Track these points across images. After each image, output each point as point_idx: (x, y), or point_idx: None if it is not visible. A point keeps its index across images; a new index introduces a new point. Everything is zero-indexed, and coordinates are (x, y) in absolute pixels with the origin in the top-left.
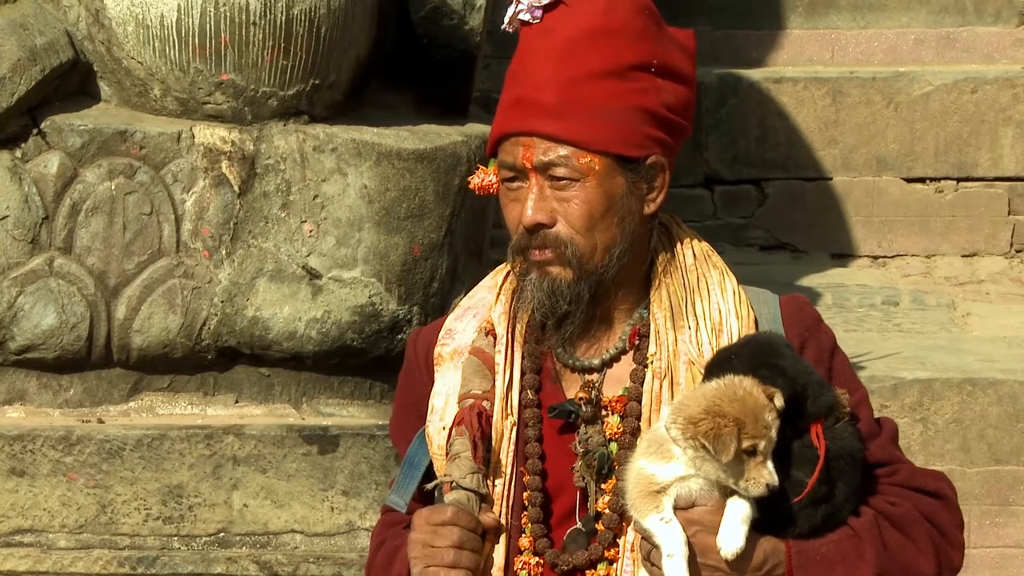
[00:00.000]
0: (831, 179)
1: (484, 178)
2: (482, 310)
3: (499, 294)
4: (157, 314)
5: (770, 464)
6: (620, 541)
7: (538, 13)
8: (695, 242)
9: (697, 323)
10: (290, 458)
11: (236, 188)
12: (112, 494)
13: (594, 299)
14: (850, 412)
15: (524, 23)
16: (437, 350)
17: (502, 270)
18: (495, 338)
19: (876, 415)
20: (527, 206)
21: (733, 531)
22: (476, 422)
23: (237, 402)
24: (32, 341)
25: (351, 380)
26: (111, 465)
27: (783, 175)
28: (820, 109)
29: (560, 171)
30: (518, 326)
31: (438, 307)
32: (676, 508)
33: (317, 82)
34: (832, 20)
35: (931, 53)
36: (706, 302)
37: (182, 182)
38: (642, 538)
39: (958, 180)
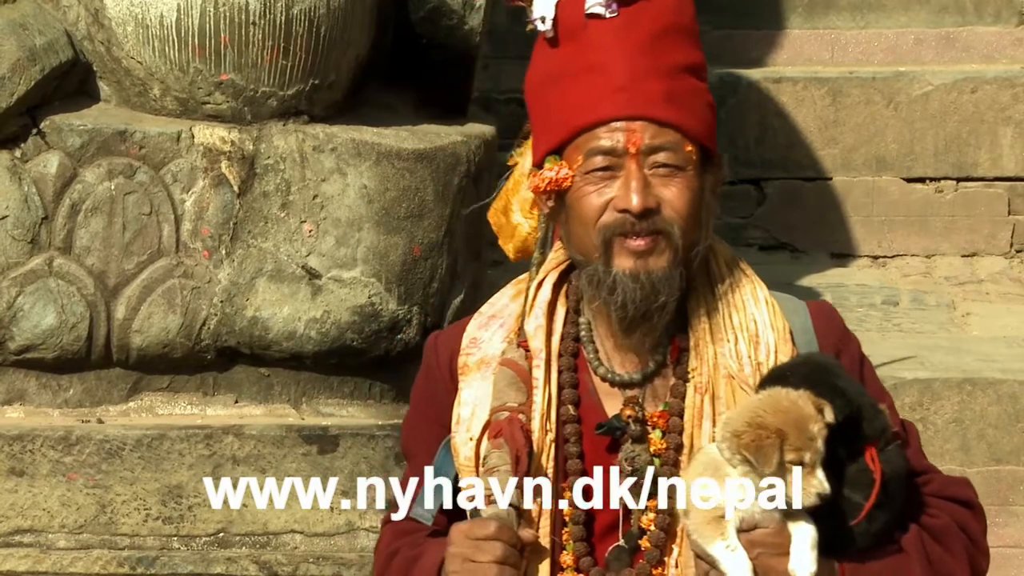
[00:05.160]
0: (831, 179)
1: (559, 171)
2: (508, 319)
3: (532, 305)
4: (157, 314)
5: (820, 473)
6: (667, 560)
7: (615, 7)
8: (721, 247)
9: (736, 336)
10: (290, 458)
11: (236, 188)
12: (112, 494)
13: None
14: (896, 432)
15: (594, 16)
16: (462, 359)
17: (524, 279)
18: (527, 350)
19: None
20: (632, 190)
21: (804, 556)
22: (519, 436)
23: (237, 402)
24: (31, 341)
25: (351, 380)
26: (111, 465)
27: (782, 175)
28: (820, 109)
29: (666, 156)
30: (553, 339)
31: (438, 307)
32: (739, 531)
33: (316, 82)
34: (832, 20)
35: (931, 53)
36: (742, 313)
37: (182, 182)
38: (698, 557)
39: (958, 180)
